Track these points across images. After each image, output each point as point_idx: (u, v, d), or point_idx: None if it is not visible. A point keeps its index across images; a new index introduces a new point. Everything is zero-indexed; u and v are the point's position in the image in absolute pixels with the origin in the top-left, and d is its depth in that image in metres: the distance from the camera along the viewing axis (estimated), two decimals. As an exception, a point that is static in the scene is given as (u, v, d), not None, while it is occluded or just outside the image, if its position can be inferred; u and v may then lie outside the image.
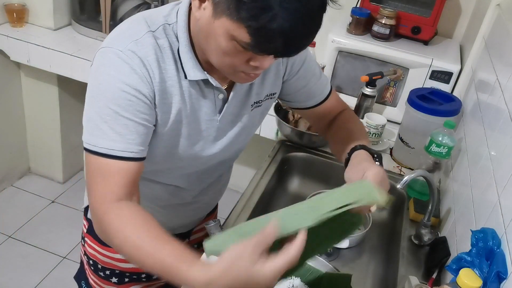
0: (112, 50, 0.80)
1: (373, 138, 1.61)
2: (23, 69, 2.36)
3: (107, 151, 0.80)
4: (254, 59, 0.78)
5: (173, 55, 0.85)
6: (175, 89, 0.86)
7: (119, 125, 0.80)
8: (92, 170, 0.82)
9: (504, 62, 1.19)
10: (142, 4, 2.10)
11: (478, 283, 0.80)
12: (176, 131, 0.90)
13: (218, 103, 0.93)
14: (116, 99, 0.79)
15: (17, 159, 2.61)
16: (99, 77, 0.81)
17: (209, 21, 0.75)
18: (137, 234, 0.77)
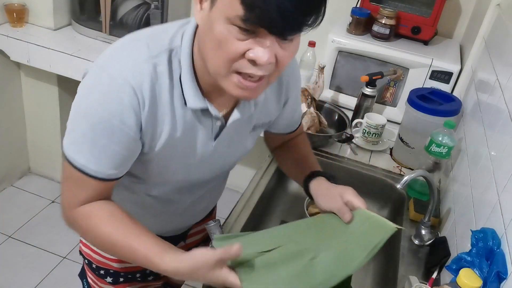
0: (105, 75, 0.78)
1: (373, 138, 1.61)
2: (23, 69, 2.36)
3: (82, 168, 0.82)
4: (251, 50, 0.72)
5: (170, 82, 0.82)
6: (166, 117, 0.83)
7: (97, 150, 0.80)
8: (67, 176, 0.85)
9: (504, 62, 1.19)
10: (142, 4, 2.10)
11: (478, 283, 0.80)
12: (167, 155, 0.89)
13: (215, 129, 0.91)
14: (100, 126, 0.78)
15: (17, 159, 2.61)
16: (88, 100, 0.79)
17: (207, 16, 0.74)
18: (108, 231, 0.84)
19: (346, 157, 1.57)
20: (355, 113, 1.73)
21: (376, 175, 1.50)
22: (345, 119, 1.67)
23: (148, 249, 0.83)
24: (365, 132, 1.61)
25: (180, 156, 0.90)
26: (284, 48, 0.75)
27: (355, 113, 1.73)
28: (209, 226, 1.03)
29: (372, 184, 1.50)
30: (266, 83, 0.80)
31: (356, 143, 1.63)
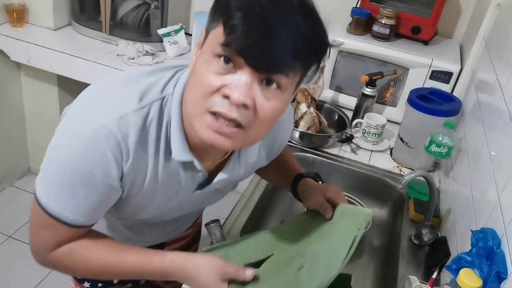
0: (90, 125, 0.72)
1: (373, 138, 1.61)
2: (23, 69, 2.36)
3: (57, 215, 0.77)
4: (227, 87, 0.68)
5: (158, 132, 0.77)
6: (149, 168, 0.79)
7: (76, 199, 0.76)
8: (39, 222, 0.80)
9: (504, 62, 1.19)
10: (142, 4, 2.10)
11: (478, 283, 0.80)
12: (145, 201, 0.85)
13: (197, 179, 0.86)
14: (81, 176, 0.74)
15: (17, 159, 2.61)
16: (69, 149, 0.74)
17: (196, 58, 0.73)
18: (96, 258, 0.83)
19: (346, 157, 1.57)
20: (355, 113, 1.73)
21: (376, 175, 1.50)
22: (345, 119, 1.67)
23: (144, 255, 0.82)
24: (365, 132, 1.61)
25: (157, 203, 0.87)
26: (268, 96, 0.70)
27: (355, 113, 1.73)
28: (209, 226, 1.03)
29: (372, 184, 1.50)
30: (243, 136, 0.72)
31: (356, 143, 1.63)
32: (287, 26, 0.66)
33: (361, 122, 1.63)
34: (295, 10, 0.67)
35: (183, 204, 0.92)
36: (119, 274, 0.84)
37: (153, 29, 2.09)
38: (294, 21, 0.66)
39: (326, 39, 0.74)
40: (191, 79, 0.74)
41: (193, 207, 0.99)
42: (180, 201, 0.90)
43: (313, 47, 0.70)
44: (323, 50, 0.73)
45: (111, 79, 0.80)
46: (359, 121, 1.65)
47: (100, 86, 0.79)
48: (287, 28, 0.66)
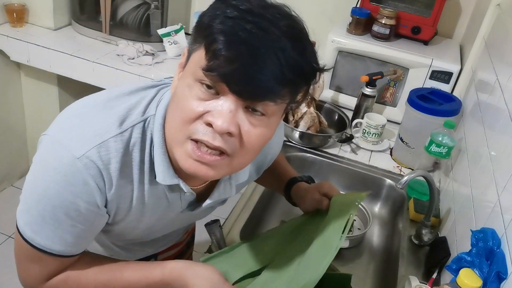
0: (68, 155, 0.68)
1: (373, 138, 1.61)
2: (23, 69, 2.36)
3: (44, 248, 0.74)
4: (209, 114, 0.64)
5: (141, 156, 0.73)
6: (135, 193, 0.76)
7: (62, 230, 0.72)
8: (25, 255, 0.78)
9: (504, 62, 1.19)
10: (142, 4, 2.10)
11: (478, 283, 0.80)
12: (133, 224, 0.82)
13: (184, 199, 0.83)
14: (63, 208, 0.70)
15: (17, 159, 2.61)
16: (47, 181, 0.69)
17: (178, 81, 0.70)
18: (93, 280, 0.80)
19: (346, 157, 1.57)
20: (355, 113, 1.73)
21: (376, 175, 1.50)
22: (345, 119, 1.67)
23: (143, 269, 0.81)
24: (365, 132, 1.61)
25: (145, 225, 0.85)
26: (254, 123, 0.66)
27: (355, 113, 1.73)
28: (209, 226, 1.03)
29: (372, 184, 1.50)
30: (228, 164, 0.69)
31: (356, 143, 1.63)
32: (274, 52, 0.61)
33: (361, 122, 1.63)
34: (282, 34, 0.62)
35: (171, 223, 0.91)
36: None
37: (153, 29, 2.09)
38: (282, 45, 0.62)
39: (316, 63, 0.68)
40: (172, 103, 0.70)
41: (181, 224, 0.99)
42: (168, 221, 0.88)
43: (301, 73, 0.65)
44: (312, 74, 0.68)
45: (90, 100, 0.75)
46: (359, 121, 1.65)
47: (78, 110, 0.74)
48: (273, 53, 0.61)
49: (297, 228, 1.01)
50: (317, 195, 0.98)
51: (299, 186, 1.05)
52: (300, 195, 1.03)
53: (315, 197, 0.98)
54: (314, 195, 0.99)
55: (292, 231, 1.00)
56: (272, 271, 0.89)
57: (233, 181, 0.85)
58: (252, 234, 1.29)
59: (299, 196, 1.03)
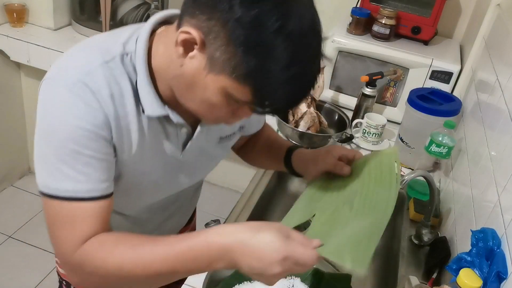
0: (61, 84, 0.71)
1: (373, 138, 1.61)
2: (23, 69, 2.36)
3: (72, 194, 0.71)
4: (242, 110, 0.74)
5: (132, 88, 0.76)
6: (133, 125, 0.77)
7: (82, 164, 0.71)
8: (56, 217, 0.73)
9: (504, 62, 1.19)
10: (142, 4, 2.10)
11: (478, 283, 0.80)
12: (134, 167, 0.82)
13: (181, 136, 0.85)
14: (74, 137, 0.70)
15: (17, 159, 2.61)
16: (50, 115, 0.72)
17: (198, 72, 0.69)
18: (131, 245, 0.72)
19: (346, 157, 1.56)
20: (355, 113, 1.73)
21: (376, 175, 1.50)
22: (345, 119, 1.67)
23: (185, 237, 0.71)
24: (365, 132, 1.61)
25: (149, 170, 0.84)
26: None
27: (355, 113, 1.73)
28: (209, 226, 1.03)
29: (372, 184, 1.50)
30: None
31: (356, 143, 1.63)
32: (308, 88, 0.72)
33: (361, 122, 1.63)
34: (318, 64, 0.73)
35: (174, 169, 0.89)
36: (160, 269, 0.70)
37: (153, 29, 2.09)
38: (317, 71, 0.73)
39: None
40: (195, 92, 0.72)
41: (184, 176, 0.94)
42: (171, 165, 0.87)
43: None
44: None
45: (67, 52, 0.78)
46: (359, 121, 1.65)
47: (62, 57, 0.77)
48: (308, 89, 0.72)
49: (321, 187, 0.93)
50: (331, 158, 0.92)
51: (302, 151, 1.00)
52: (307, 160, 0.97)
53: (328, 161, 0.92)
54: (326, 158, 0.92)
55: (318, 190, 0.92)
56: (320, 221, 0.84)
57: None
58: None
59: (306, 161, 0.98)
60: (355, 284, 1.04)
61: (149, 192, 0.91)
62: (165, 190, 0.94)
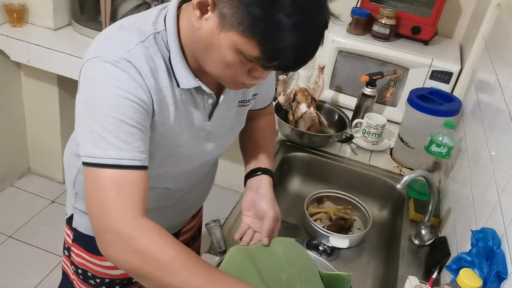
0: (106, 60, 0.77)
1: (373, 138, 1.61)
2: (23, 69, 2.36)
3: (117, 161, 0.74)
4: (256, 70, 0.79)
5: (165, 65, 0.82)
6: (169, 99, 0.84)
7: (125, 133, 0.75)
8: (102, 186, 0.74)
9: (504, 62, 1.19)
10: (142, 4, 2.10)
11: (478, 283, 0.80)
12: (172, 139, 0.89)
13: (208, 107, 0.93)
14: (119, 106, 0.75)
15: (17, 159, 2.61)
16: (97, 87, 0.76)
17: (212, 33, 0.75)
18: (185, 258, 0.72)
19: (346, 157, 1.57)
20: (355, 113, 1.73)
21: (376, 175, 1.50)
22: (345, 119, 1.67)
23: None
24: (365, 132, 1.61)
25: (182, 142, 0.91)
26: None
27: (355, 113, 1.73)
28: (209, 226, 1.03)
29: (372, 184, 1.50)
30: None
31: (356, 143, 1.63)
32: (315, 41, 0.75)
33: (361, 122, 1.63)
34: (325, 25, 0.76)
35: (202, 141, 0.95)
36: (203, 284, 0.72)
37: (153, 29, 2.09)
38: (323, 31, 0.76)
39: None
40: (212, 53, 0.77)
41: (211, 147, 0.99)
42: (200, 138, 0.94)
43: None
44: None
45: (102, 34, 0.83)
46: (359, 121, 1.65)
47: (101, 37, 0.82)
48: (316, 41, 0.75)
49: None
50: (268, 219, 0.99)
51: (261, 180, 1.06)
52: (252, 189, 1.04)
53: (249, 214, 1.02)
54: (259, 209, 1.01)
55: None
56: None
57: None
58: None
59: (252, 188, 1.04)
60: (355, 284, 1.04)
61: (181, 163, 0.96)
62: (192, 161, 0.99)
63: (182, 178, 1.04)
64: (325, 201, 1.42)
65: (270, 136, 1.19)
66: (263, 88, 1.08)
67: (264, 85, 1.07)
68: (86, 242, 1.09)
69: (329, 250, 1.27)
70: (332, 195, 1.43)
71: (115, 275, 1.13)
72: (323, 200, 1.42)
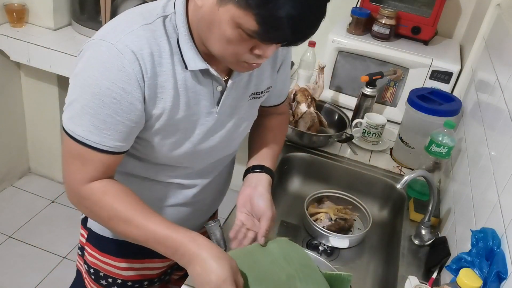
0: (105, 43, 0.79)
1: (373, 138, 1.61)
2: (23, 69, 2.36)
3: (84, 140, 0.82)
4: (258, 47, 0.79)
5: (170, 47, 0.83)
6: (169, 84, 0.84)
7: (99, 120, 0.80)
8: (70, 153, 0.85)
9: (504, 62, 1.19)
10: (142, 4, 2.09)
11: (478, 283, 0.80)
12: (173, 126, 0.89)
13: (216, 94, 0.92)
14: (101, 95, 0.79)
15: (17, 159, 2.61)
16: (88, 70, 0.80)
17: (212, 9, 0.75)
18: (124, 208, 0.84)
19: (346, 157, 1.57)
20: (355, 113, 1.73)
21: (376, 175, 1.50)
22: (345, 119, 1.67)
23: (171, 225, 0.83)
24: (365, 132, 1.61)
25: (185, 127, 0.91)
26: None
27: (355, 113, 1.73)
28: (209, 226, 1.03)
29: (372, 184, 1.50)
30: None
31: (356, 143, 1.63)
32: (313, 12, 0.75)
33: (361, 122, 1.63)
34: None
35: (209, 129, 0.95)
36: (138, 234, 0.83)
37: (153, 29, 2.09)
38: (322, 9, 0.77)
39: None
40: (214, 31, 0.77)
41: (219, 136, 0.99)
42: (206, 124, 0.93)
43: None
44: None
45: (113, 19, 0.86)
46: (359, 121, 1.65)
47: (106, 24, 0.85)
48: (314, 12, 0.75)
49: None
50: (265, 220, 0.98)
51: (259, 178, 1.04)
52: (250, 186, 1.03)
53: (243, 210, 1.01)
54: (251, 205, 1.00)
55: None
56: None
57: None
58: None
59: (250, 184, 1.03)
60: (355, 284, 1.04)
61: (187, 155, 0.96)
62: (202, 154, 0.98)
63: (194, 174, 1.04)
64: (325, 201, 1.42)
65: (279, 137, 1.17)
66: (278, 83, 1.07)
67: (279, 80, 1.06)
68: (99, 242, 1.10)
69: (329, 250, 1.27)
70: (332, 195, 1.43)
71: (127, 276, 1.13)
72: (323, 200, 1.42)
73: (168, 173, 1.01)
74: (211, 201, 1.19)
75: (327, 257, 1.25)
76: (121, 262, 1.10)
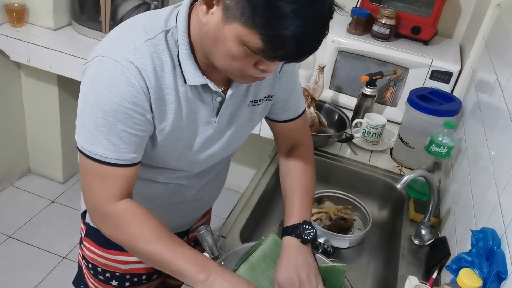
0: (110, 61, 0.80)
1: (373, 138, 1.61)
2: (23, 69, 2.36)
3: (102, 159, 0.83)
4: (262, 63, 0.79)
5: (172, 62, 0.84)
6: (171, 96, 0.86)
7: (114, 136, 0.82)
8: (89, 173, 0.86)
9: (504, 62, 1.19)
10: (142, 4, 2.10)
11: (478, 283, 0.80)
12: (175, 136, 0.91)
13: (216, 105, 0.94)
14: (113, 112, 0.80)
15: (17, 159, 2.61)
16: (96, 89, 0.81)
17: (218, 26, 0.76)
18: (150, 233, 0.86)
19: (346, 157, 1.57)
20: (355, 113, 1.73)
21: (376, 175, 1.50)
22: (345, 119, 1.67)
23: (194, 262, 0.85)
24: (365, 132, 1.61)
25: (186, 136, 0.93)
26: None
27: (355, 113, 1.73)
28: (200, 233, 1.01)
29: (372, 184, 1.50)
30: None
31: (356, 143, 1.63)
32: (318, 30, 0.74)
33: (361, 122, 1.63)
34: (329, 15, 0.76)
35: (209, 137, 0.96)
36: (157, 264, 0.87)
37: (153, 29, 2.09)
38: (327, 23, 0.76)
39: None
40: (219, 47, 0.78)
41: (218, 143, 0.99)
42: (205, 132, 0.95)
43: None
44: None
45: (114, 30, 0.87)
46: (359, 121, 1.65)
47: (109, 36, 0.86)
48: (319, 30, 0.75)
49: None
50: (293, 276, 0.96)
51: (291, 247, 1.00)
52: (286, 259, 0.99)
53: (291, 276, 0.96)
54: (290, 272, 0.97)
55: None
56: None
57: None
58: (252, 234, 1.29)
59: (285, 258, 1.00)
60: (355, 284, 1.04)
61: (187, 161, 0.98)
62: (201, 160, 1.00)
63: (193, 176, 1.06)
64: (325, 201, 1.42)
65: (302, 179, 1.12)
66: (280, 92, 1.04)
67: (281, 88, 1.03)
68: (97, 235, 1.10)
69: (329, 250, 1.27)
70: (332, 195, 1.43)
71: (125, 270, 1.14)
72: (323, 200, 1.42)
73: (168, 175, 1.03)
74: (209, 199, 1.21)
75: (327, 257, 1.24)
76: (119, 255, 1.10)
